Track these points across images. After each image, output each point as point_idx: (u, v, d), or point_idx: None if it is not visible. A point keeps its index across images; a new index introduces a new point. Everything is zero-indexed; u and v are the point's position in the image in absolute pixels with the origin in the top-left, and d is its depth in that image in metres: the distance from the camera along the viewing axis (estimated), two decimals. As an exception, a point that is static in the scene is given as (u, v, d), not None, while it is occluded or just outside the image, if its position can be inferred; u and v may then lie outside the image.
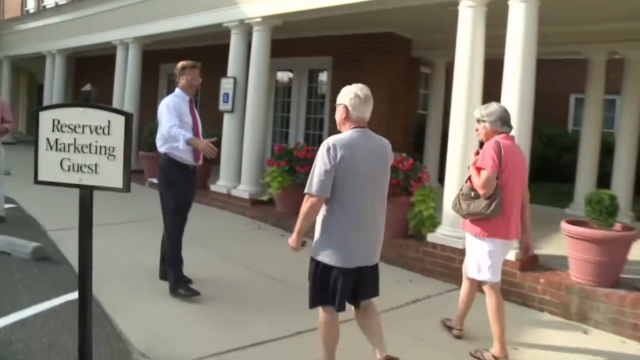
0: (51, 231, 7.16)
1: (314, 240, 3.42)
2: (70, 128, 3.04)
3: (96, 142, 3.01)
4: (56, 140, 3.07)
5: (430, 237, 6.22)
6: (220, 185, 9.44)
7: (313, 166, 3.30)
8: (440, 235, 6.12)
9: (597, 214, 5.08)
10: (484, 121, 4.16)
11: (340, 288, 3.33)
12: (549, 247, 6.56)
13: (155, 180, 5.69)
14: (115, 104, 12.81)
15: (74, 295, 4.99)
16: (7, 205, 8.33)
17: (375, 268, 3.54)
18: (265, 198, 8.18)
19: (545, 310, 5.34)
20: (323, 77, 12.33)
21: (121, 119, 2.97)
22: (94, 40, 13.55)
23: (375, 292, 3.60)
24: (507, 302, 5.48)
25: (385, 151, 3.50)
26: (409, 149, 11.73)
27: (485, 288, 4.19)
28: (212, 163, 8.45)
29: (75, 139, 3.04)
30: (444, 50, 11.09)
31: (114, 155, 3.00)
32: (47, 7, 18.09)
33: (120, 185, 3.01)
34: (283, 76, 13.31)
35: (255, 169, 8.99)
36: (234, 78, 9.29)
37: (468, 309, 4.51)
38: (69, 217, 7.92)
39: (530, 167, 5.31)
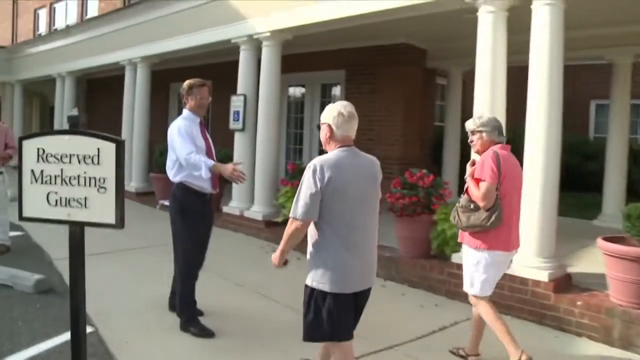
0: (57, 260, 6.87)
1: (307, 264, 3.27)
2: (56, 158, 2.73)
3: (85, 173, 2.70)
4: (41, 171, 2.76)
5: (455, 258, 5.84)
6: (233, 206, 9.13)
7: (298, 189, 3.17)
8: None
9: (639, 230, 4.68)
10: (480, 131, 4.07)
11: (345, 316, 3.21)
12: (581, 264, 6.16)
13: (166, 203, 5.29)
14: (125, 124, 12.67)
15: (77, 332, 4.76)
16: (13, 233, 8.10)
17: (369, 292, 3.41)
18: (279, 220, 7.82)
19: (583, 336, 4.93)
20: (336, 91, 12.02)
21: (112, 147, 2.65)
22: (102, 61, 13.41)
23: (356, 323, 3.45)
24: (541, 326, 5.14)
25: (374, 169, 3.38)
26: (427, 163, 11.38)
27: (472, 299, 4.15)
28: (224, 183, 8.15)
29: (62, 169, 2.73)
30: (460, 59, 10.82)
31: (104, 188, 2.68)
32: (58, 29, 18.03)
33: (112, 220, 2.69)
34: (295, 91, 13.02)
35: (269, 189, 8.67)
36: (244, 95, 9.01)
37: (482, 331, 4.28)
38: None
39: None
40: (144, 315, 5.09)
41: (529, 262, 5.25)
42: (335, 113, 3.26)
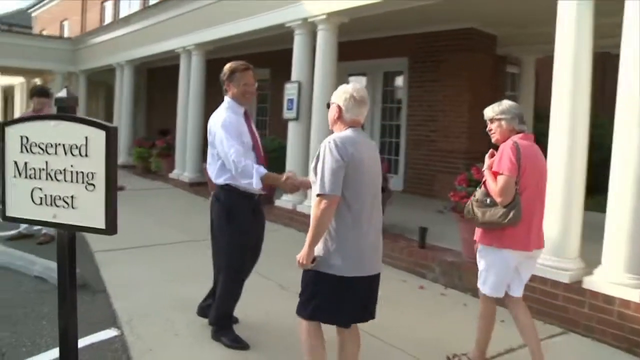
0: (99, 252, 6.59)
1: (318, 250, 3.04)
2: (41, 148, 2.28)
3: (72, 166, 2.24)
4: (25, 164, 2.31)
5: (526, 267, 5.14)
6: (286, 200, 8.66)
7: (321, 165, 2.99)
8: (539, 264, 5.00)
9: None
10: (498, 119, 3.75)
11: (354, 301, 3.08)
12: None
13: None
14: (179, 113, 12.47)
15: (100, 336, 4.37)
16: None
17: (379, 276, 3.23)
18: (332, 215, 7.27)
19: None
20: (399, 80, 11.37)
21: (101, 135, 2.17)
22: (158, 49, 13.30)
23: (374, 312, 3.27)
24: (631, 355, 4.38)
25: (376, 150, 3.33)
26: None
27: (482, 297, 3.89)
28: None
29: (47, 162, 2.28)
30: (534, 45, 10.00)
31: (93, 185, 2.21)
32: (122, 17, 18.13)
33: (101, 224, 2.22)
34: (356, 81, 12.44)
35: None
36: (299, 82, 8.49)
37: (489, 336, 3.95)
38: (121, 236, 7.55)
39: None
40: (174, 319, 4.63)
41: (616, 279, 4.47)
42: (347, 95, 3.14)
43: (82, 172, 2.22)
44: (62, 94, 2.30)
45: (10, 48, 18.59)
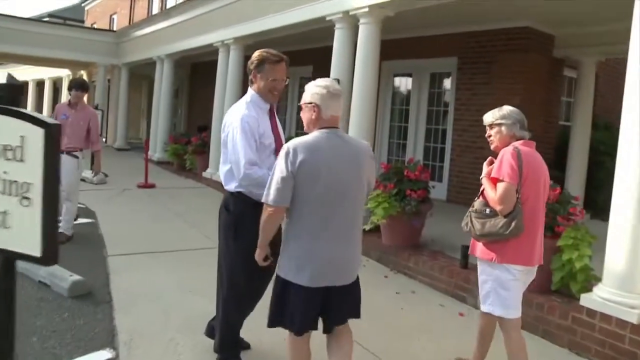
0: (113, 257, 6.16)
1: (279, 252, 3.08)
2: (-31, 148, 1.76)
3: (5, 173, 1.71)
4: (-46, 167, 1.80)
5: (585, 300, 4.42)
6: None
7: (272, 173, 2.96)
8: (601, 299, 4.31)
9: None
10: (498, 125, 3.56)
11: (300, 309, 2.95)
12: None
13: None
14: (216, 109, 12.13)
15: (91, 358, 3.88)
16: (83, 220, 7.56)
17: (352, 288, 3.10)
18: (367, 227, 6.65)
19: None
20: (446, 82, 10.67)
21: (39, 134, 1.63)
22: (197, 43, 12.98)
23: (354, 313, 3.15)
24: None
25: (359, 154, 3.05)
26: (549, 167, 9.80)
27: (502, 325, 3.53)
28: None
29: (-25, 166, 1.76)
30: (595, 47, 9.17)
31: (28, 198, 1.68)
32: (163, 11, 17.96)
33: (36, 250, 1.68)
34: (401, 82, 11.79)
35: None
36: (337, 80, 7.88)
37: (487, 347, 3.74)
38: (141, 238, 7.10)
39: None
40: (179, 340, 4.11)
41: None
42: (324, 90, 2.98)
43: (17, 182, 1.69)
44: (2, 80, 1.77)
45: (55, 39, 18.65)
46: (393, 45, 9.20)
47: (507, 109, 3.61)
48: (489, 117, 3.65)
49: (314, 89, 3.03)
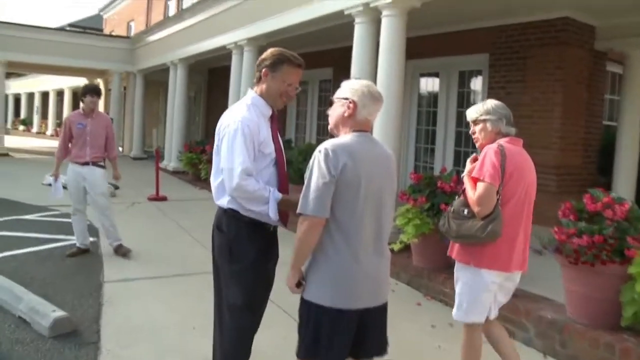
0: (109, 283, 5.50)
1: (305, 274, 2.67)
2: None
3: None
4: None
5: (666, 340, 3.64)
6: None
7: (307, 178, 2.57)
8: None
9: None
10: (483, 121, 3.37)
11: (338, 337, 2.59)
12: None
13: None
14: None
15: None
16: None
17: (383, 310, 2.77)
18: (396, 247, 5.89)
19: None
20: (477, 81, 9.87)
21: None
22: (210, 45, 12.47)
23: (382, 347, 2.78)
24: None
25: (390, 162, 2.78)
26: (591, 173, 8.98)
27: (464, 327, 3.43)
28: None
29: None
30: (644, 38, 8.34)
31: None
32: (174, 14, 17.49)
33: None
34: (428, 82, 11.02)
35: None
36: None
37: (511, 351, 3.51)
38: (144, 260, 6.35)
39: None
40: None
41: None
42: (365, 89, 2.69)
43: None
44: None
45: (70, 47, 18.42)
46: (418, 43, 8.46)
47: (491, 102, 3.44)
48: (472, 113, 3.46)
49: (354, 84, 2.74)
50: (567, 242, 4.14)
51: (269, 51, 3.06)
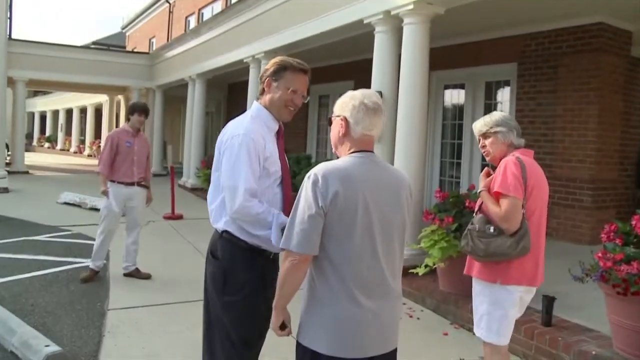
0: (114, 311, 5.14)
1: (300, 315, 2.26)
2: None
3: None
4: None
5: None
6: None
7: (293, 208, 2.19)
8: None
9: None
10: (494, 133, 3.25)
11: None
12: None
13: None
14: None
15: None
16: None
17: (392, 358, 2.32)
18: (421, 271, 5.44)
19: None
20: (505, 92, 9.41)
21: None
22: (227, 60, 12.20)
23: None
24: None
25: (400, 186, 2.33)
26: (628, 187, 8.45)
27: (487, 349, 3.24)
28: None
29: None
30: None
31: None
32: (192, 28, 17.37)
33: None
34: (452, 94, 10.58)
35: (410, 224, 6.19)
36: (380, 93, 6.74)
37: None
38: (154, 285, 6.02)
39: None
40: None
41: None
42: (356, 102, 2.29)
43: None
44: None
45: (89, 64, 18.36)
46: (441, 54, 8.07)
47: (498, 114, 3.37)
48: (481, 126, 3.37)
49: (343, 98, 2.37)
50: (614, 269, 3.67)
51: (272, 60, 2.84)
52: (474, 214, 3.39)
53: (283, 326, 2.33)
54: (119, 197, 6.11)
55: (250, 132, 2.62)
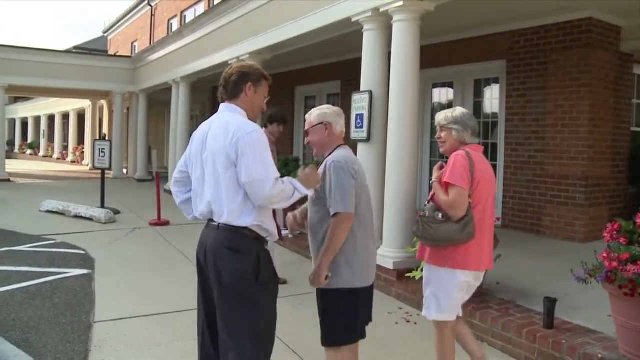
0: (100, 323, 4.94)
1: (334, 266, 3.06)
2: None
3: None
4: None
5: None
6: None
7: (330, 185, 3.04)
8: None
9: None
10: (449, 129, 3.55)
11: (365, 312, 3.20)
12: None
13: (290, 235, 4.35)
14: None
15: None
16: (78, 272, 6.49)
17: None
18: (416, 275, 5.28)
19: None
20: (494, 89, 9.30)
21: None
22: (212, 61, 11.94)
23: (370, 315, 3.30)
24: None
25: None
26: (620, 183, 8.38)
27: (437, 325, 3.56)
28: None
29: None
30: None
31: None
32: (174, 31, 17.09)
33: None
34: (441, 92, 10.46)
35: (404, 223, 6.01)
36: (370, 93, 6.57)
37: (470, 339, 3.70)
38: (141, 294, 5.82)
39: None
40: None
41: None
42: (329, 110, 3.29)
43: None
44: None
45: (70, 69, 17.98)
46: (430, 52, 7.94)
47: (460, 112, 3.59)
48: (441, 119, 3.62)
49: (318, 111, 3.29)
50: (619, 269, 3.55)
51: (248, 65, 3.07)
52: (425, 203, 3.60)
53: (326, 277, 3.02)
54: None
55: (259, 130, 2.82)
